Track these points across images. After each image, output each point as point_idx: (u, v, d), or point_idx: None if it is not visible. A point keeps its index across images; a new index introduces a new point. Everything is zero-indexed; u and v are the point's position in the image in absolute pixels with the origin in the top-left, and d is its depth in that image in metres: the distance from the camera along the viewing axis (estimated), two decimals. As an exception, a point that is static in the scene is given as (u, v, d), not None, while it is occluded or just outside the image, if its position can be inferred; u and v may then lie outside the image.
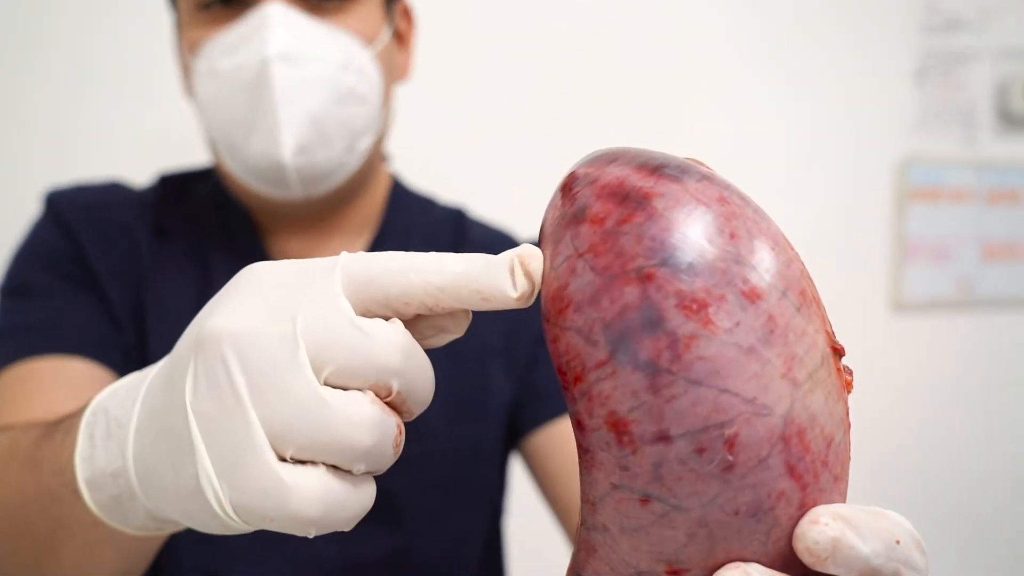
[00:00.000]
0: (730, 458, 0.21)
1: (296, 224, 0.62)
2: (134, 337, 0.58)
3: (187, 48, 0.58)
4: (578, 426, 0.24)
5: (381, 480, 0.64)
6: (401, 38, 0.64)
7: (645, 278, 0.22)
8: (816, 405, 0.22)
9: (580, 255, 0.24)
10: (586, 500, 0.24)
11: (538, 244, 0.26)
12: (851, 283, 1.34)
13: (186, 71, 0.61)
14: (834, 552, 0.21)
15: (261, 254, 0.62)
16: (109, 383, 0.45)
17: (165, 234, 0.61)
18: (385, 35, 0.60)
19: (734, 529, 0.22)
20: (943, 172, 1.38)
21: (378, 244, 0.64)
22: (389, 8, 0.61)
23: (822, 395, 0.22)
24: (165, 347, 0.58)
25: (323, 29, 0.55)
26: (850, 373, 0.24)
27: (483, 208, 0.73)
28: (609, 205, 0.24)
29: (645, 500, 0.22)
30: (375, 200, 0.65)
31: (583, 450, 0.24)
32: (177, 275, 0.60)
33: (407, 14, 0.65)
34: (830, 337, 0.23)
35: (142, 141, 1.01)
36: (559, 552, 0.95)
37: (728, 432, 0.21)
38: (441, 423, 0.60)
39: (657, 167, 0.25)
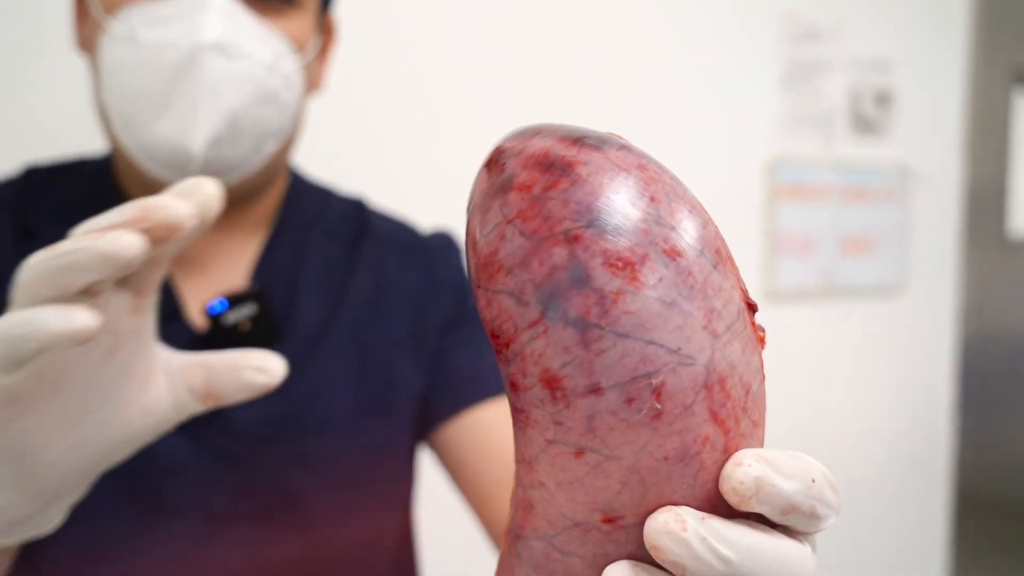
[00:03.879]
0: (658, 406, 0.23)
1: None
2: None
3: (102, 2, 0.54)
4: (512, 387, 0.24)
5: (285, 481, 0.61)
6: (323, 51, 0.63)
7: (572, 239, 0.23)
8: (734, 355, 0.24)
9: (509, 221, 0.24)
10: (521, 460, 0.25)
11: (467, 217, 0.26)
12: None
13: (84, 20, 0.56)
14: (758, 491, 0.22)
15: None
16: None
17: (32, 236, 0.57)
18: (314, 46, 0.59)
19: (664, 475, 0.23)
20: (807, 172, 1.48)
21: (275, 241, 0.62)
22: (321, 21, 0.61)
23: (739, 346, 0.24)
24: None
25: (259, 26, 0.54)
26: (763, 330, 0.25)
27: (380, 198, 0.73)
28: (535, 173, 0.25)
29: (579, 452, 0.23)
30: (273, 199, 0.64)
31: (517, 411, 0.25)
32: None
33: (331, 29, 0.64)
34: (744, 293, 0.25)
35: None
36: (471, 539, 0.96)
37: (655, 381, 0.23)
38: (347, 420, 0.59)
39: (579, 138, 0.26)
